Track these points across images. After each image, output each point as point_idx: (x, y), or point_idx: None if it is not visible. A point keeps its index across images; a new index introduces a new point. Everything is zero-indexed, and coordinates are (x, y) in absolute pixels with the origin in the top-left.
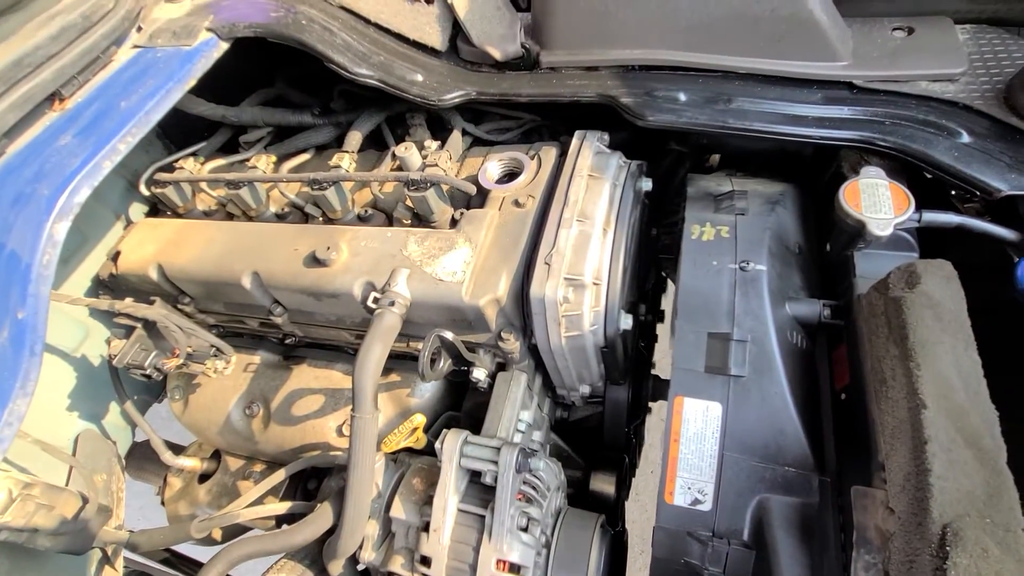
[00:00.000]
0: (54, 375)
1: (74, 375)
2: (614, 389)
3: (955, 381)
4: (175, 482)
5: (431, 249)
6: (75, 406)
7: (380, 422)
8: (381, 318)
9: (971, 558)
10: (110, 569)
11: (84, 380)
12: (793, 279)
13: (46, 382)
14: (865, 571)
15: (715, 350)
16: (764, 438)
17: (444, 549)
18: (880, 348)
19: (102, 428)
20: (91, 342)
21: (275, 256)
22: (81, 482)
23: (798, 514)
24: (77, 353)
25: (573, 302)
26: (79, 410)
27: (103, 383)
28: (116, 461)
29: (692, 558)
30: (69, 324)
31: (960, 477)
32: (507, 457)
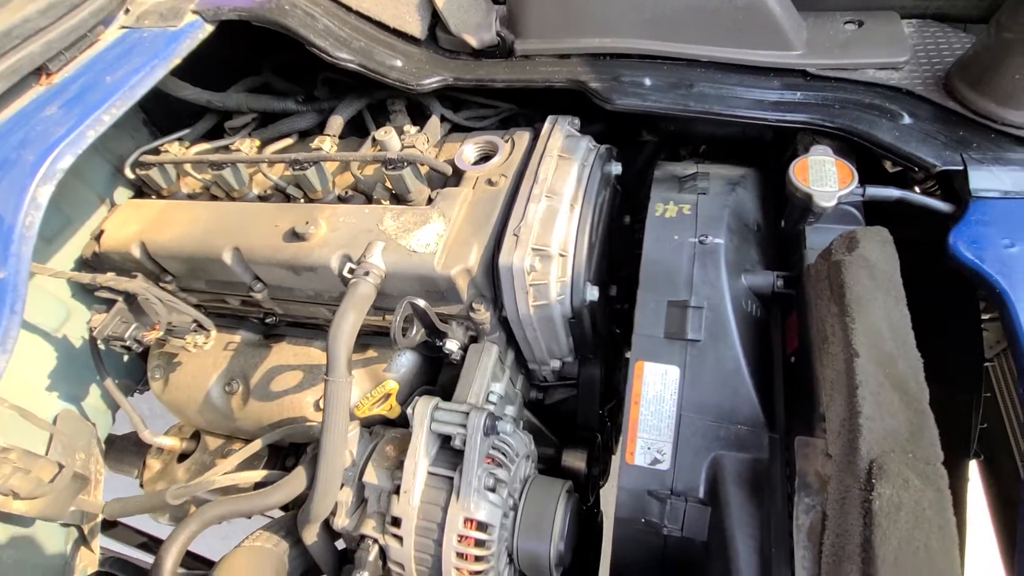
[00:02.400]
0: (35, 355)
1: (55, 355)
2: (588, 368)
3: (885, 332)
4: (154, 464)
5: (406, 224)
6: (55, 386)
7: (356, 396)
8: (356, 287)
9: (894, 488)
10: (86, 550)
11: (65, 361)
12: (750, 253)
13: (27, 361)
14: (805, 513)
15: (674, 317)
16: (719, 399)
17: (414, 510)
18: (823, 309)
19: (82, 410)
20: (73, 323)
21: (256, 232)
22: (60, 451)
23: (749, 469)
24: (59, 333)
25: (540, 272)
26: (59, 390)
27: (84, 365)
28: (95, 443)
29: (652, 517)
30: (51, 304)
31: (886, 417)
32: (475, 420)
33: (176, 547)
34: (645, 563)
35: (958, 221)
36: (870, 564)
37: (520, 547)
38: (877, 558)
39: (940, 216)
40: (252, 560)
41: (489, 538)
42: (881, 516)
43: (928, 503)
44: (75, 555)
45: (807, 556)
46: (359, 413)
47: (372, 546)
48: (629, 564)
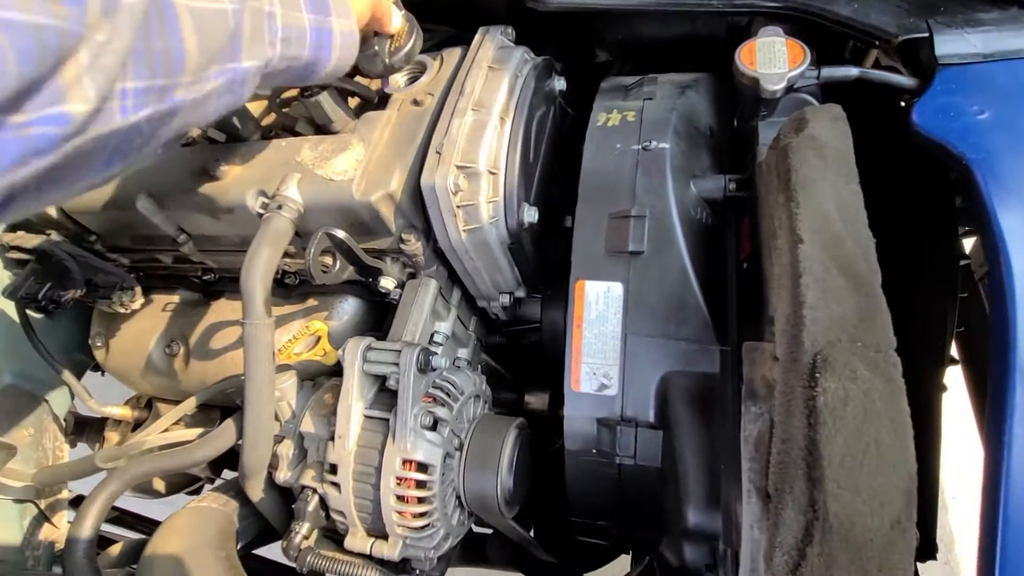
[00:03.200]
0: None
1: None
2: (551, 311)
3: (833, 213)
4: (112, 436)
5: (324, 153)
6: None
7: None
8: (269, 221)
9: (839, 381)
10: (50, 527)
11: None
12: (701, 159)
13: None
14: (752, 423)
15: (615, 230)
16: (665, 313)
17: (350, 455)
18: (772, 203)
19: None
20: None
21: (168, 176)
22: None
23: (699, 386)
24: None
25: (467, 191)
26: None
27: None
28: (50, 419)
29: (603, 446)
30: None
31: (832, 305)
32: (407, 357)
33: (96, 508)
34: (601, 496)
35: (922, 94)
36: (815, 467)
37: (466, 486)
38: (823, 459)
39: (903, 92)
40: (196, 519)
41: (430, 479)
42: (825, 413)
43: (878, 394)
44: (36, 531)
45: (753, 468)
46: (283, 358)
47: (312, 496)
48: (585, 498)
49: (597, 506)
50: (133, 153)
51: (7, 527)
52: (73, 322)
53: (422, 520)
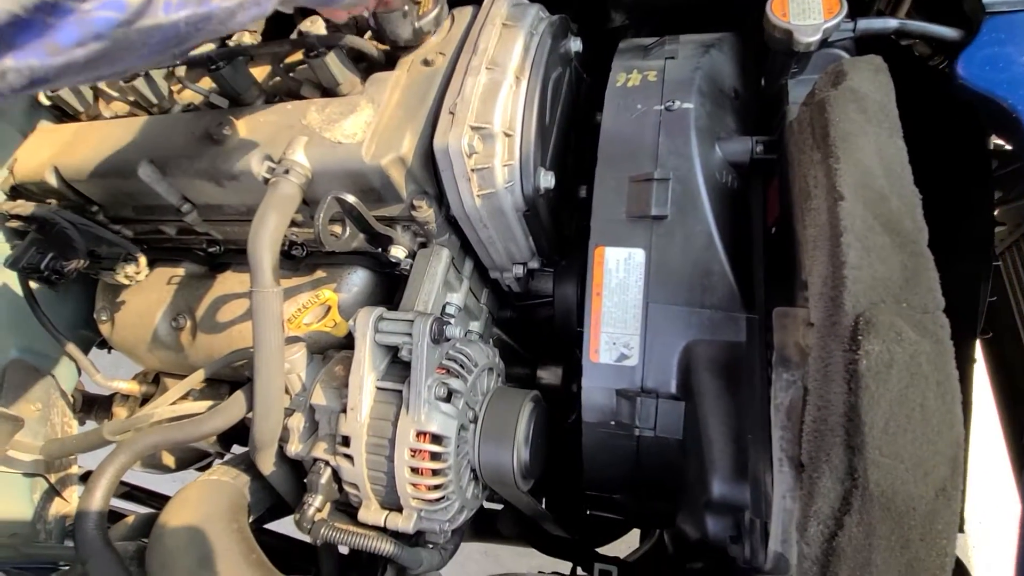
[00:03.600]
0: None
1: None
2: (563, 285)
3: (876, 169)
4: (120, 412)
5: (331, 115)
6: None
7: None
8: (275, 187)
9: (884, 343)
10: (60, 501)
11: (8, 311)
12: (726, 121)
13: None
14: (784, 391)
15: (636, 194)
16: (689, 280)
17: (363, 426)
18: (806, 162)
19: (37, 362)
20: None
21: (171, 142)
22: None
23: (725, 355)
24: None
25: (482, 153)
26: (4, 343)
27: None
28: (57, 395)
29: (622, 418)
30: None
31: (876, 264)
32: (420, 326)
33: (105, 479)
34: (618, 469)
35: (967, 46)
36: (855, 434)
37: (481, 458)
38: (864, 425)
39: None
40: (207, 492)
41: (444, 450)
42: (868, 377)
43: (925, 357)
44: (47, 505)
45: (785, 436)
46: (293, 328)
47: (324, 468)
48: (601, 471)
49: (613, 479)
50: (166, 52)
51: (18, 501)
52: (77, 297)
53: (437, 493)
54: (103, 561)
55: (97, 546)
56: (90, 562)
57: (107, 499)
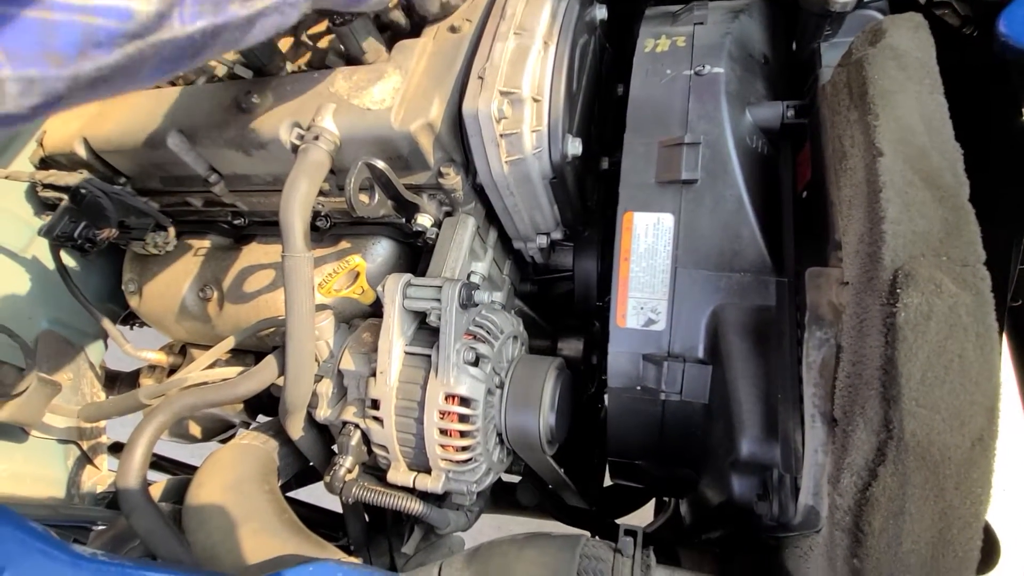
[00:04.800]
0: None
1: (27, 278)
2: (583, 259)
3: (916, 125)
4: (147, 383)
5: (359, 82)
6: (31, 311)
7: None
8: (305, 153)
9: (923, 295)
10: (92, 468)
11: (38, 283)
12: (756, 86)
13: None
14: (817, 349)
15: (666, 158)
16: (719, 245)
17: (391, 390)
18: (841, 123)
19: (67, 335)
20: (40, 242)
21: (200, 112)
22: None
23: (754, 319)
24: (27, 254)
25: (511, 119)
26: (35, 315)
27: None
28: (87, 366)
29: (648, 383)
30: (11, 223)
31: (916, 219)
32: (449, 291)
33: (145, 437)
34: (642, 434)
35: (1008, 4)
36: (891, 385)
37: (508, 423)
38: (901, 377)
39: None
40: (239, 455)
41: (473, 413)
42: (906, 329)
43: (965, 309)
44: (79, 472)
45: (818, 393)
46: (323, 293)
47: (354, 431)
48: (625, 437)
49: (637, 445)
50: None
51: (53, 467)
52: (104, 271)
53: (465, 454)
54: (146, 515)
55: (140, 501)
56: (133, 516)
57: (147, 456)
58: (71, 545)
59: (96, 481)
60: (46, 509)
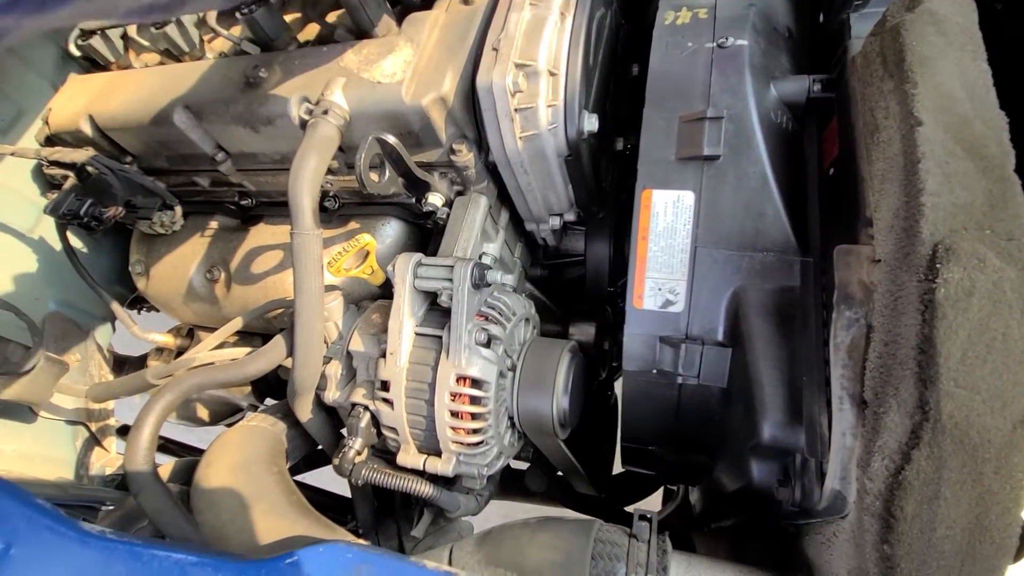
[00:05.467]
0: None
1: (34, 258)
2: (595, 244)
3: (958, 92)
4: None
5: (369, 56)
6: (38, 292)
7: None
8: (314, 127)
9: (965, 270)
10: (101, 450)
11: (46, 264)
12: (780, 60)
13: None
14: (846, 329)
15: (688, 134)
16: (741, 223)
17: (402, 371)
18: (874, 95)
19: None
20: (47, 223)
21: (207, 87)
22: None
23: (777, 300)
24: (34, 234)
25: (526, 92)
26: (42, 296)
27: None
28: (94, 348)
29: (665, 366)
30: (19, 203)
31: (957, 190)
32: (461, 271)
33: (153, 416)
34: (657, 419)
35: None
36: (928, 365)
37: (520, 406)
38: (939, 356)
39: None
40: (247, 436)
41: (484, 395)
42: (947, 306)
43: (1009, 284)
44: (88, 453)
45: (846, 375)
46: (332, 272)
47: (363, 413)
48: (639, 422)
49: (651, 430)
50: None
51: (62, 448)
52: (111, 253)
53: (476, 437)
54: (154, 494)
55: (148, 480)
56: (141, 495)
57: (155, 435)
58: (79, 522)
59: (105, 463)
60: (55, 489)
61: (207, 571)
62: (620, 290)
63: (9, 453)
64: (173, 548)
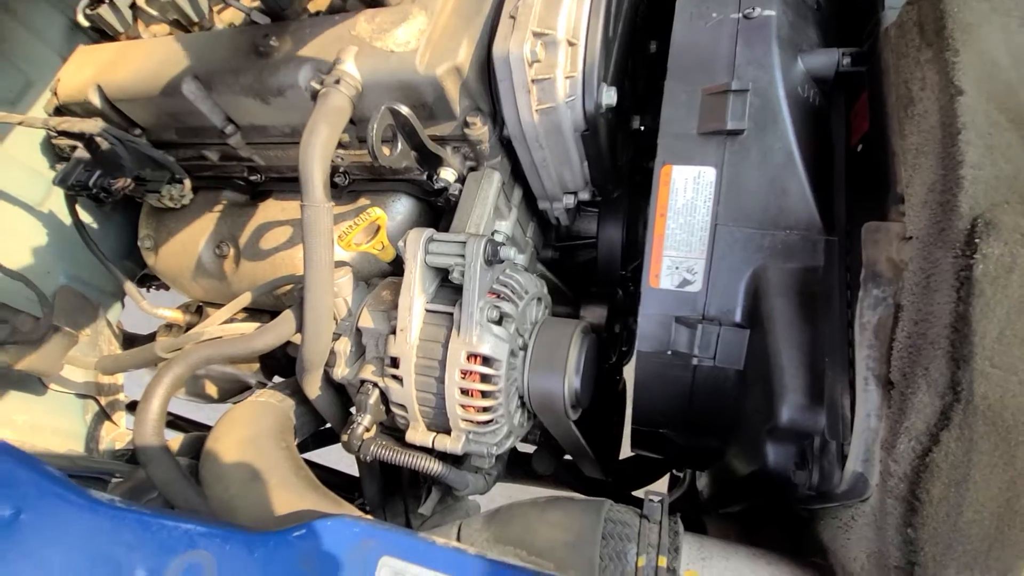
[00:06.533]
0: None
1: (44, 232)
2: (608, 226)
3: (1003, 59)
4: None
5: (383, 24)
6: (49, 266)
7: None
8: (325, 97)
9: (1006, 245)
10: (110, 424)
11: (56, 238)
12: (808, 33)
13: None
14: (872, 309)
15: (710, 107)
16: (764, 201)
17: (412, 348)
18: (909, 66)
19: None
20: (56, 197)
21: (216, 57)
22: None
23: (799, 280)
24: (44, 208)
25: (544, 63)
26: (53, 270)
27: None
28: (105, 324)
29: (680, 347)
30: (29, 176)
31: (1000, 162)
32: (474, 247)
33: (162, 388)
34: (670, 401)
35: None
36: (962, 344)
37: (531, 386)
38: (974, 335)
39: None
40: (256, 412)
41: (495, 373)
42: (984, 282)
43: None
44: (98, 427)
45: (872, 355)
46: (343, 245)
47: (372, 390)
48: (652, 403)
49: (664, 412)
50: None
51: (72, 421)
52: (120, 230)
53: (486, 415)
54: (163, 465)
55: (156, 451)
56: (150, 466)
57: (164, 407)
58: (88, 490)
59: (115, 438)
60: (64, 460)
61: (215, 542)
62: (632, 273)
63: (20, 424)
64: (182, 518)
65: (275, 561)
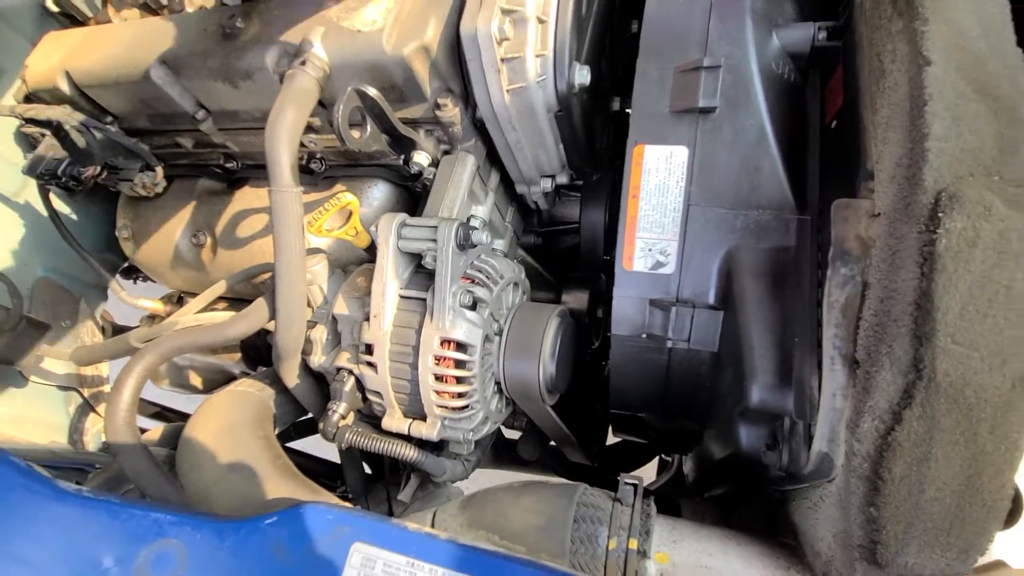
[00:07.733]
0: None
1: (20, 223)
2: (590, 210)
3: (972, 29)
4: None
5: (350, 4)
6: (26, 258)
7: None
8: (292, 79)
9: (969, 219)
10: (95, 416)
11: (32, 230)
12: (784, 7)
13: None
14: (840, 287)
15: (682, 85)
16: (736, 180)
17: (385, 334)
18: (881, 38)
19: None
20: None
21: (183, 40)
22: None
23: (771, 260)
24: (19, 199)
25: (513, 40)
26: (31, 262)
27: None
28: (87, 314)
29: (655, 330)
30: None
31: (965, 134)
32: (445, 231)
33: (132, 378)
34: (646, 384)
35: None
36: (925, 321)
37: (507, 370)
38: (936, 311)
39: None
40: (233, 401)
41: (469, 359)
42: (947, 257)
43: (1017, 234)
44: (82, 419)
45: (839, 334)
46: (314, 231)
47: (348, 377)
48: (628, 387)
49: (640, 396)
50: None
51: (55, 413)
52: (99, 221)
53: (461, 401)
54: (133, 455)
55: (127, 441)
56: (121, 455)
57: (135, 397)
58: (55, 480)
59: (100, 429)
60: (46, 452)
61: (186, 530)
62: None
63: (1, 416)
64: (152, 507)
65: (247, 548)
